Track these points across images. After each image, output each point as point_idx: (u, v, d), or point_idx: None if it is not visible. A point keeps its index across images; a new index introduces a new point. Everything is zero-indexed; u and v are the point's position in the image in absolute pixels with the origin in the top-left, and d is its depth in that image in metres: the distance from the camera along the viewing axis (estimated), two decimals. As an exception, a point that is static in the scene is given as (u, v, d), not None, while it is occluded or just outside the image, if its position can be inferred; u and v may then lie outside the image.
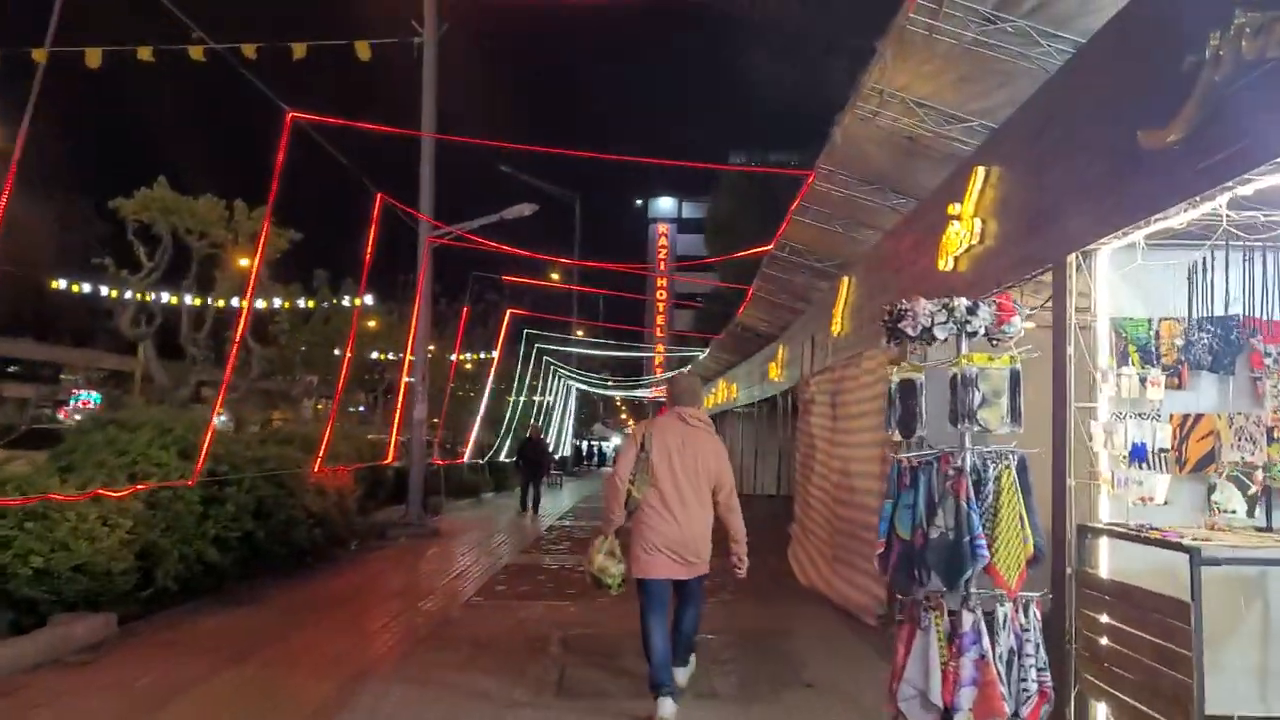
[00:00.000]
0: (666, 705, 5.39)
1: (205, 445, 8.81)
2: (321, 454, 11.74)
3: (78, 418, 24.79)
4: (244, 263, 14.61)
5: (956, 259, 6.79)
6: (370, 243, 12.46)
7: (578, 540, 15.66)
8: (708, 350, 28.81)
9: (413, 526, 15.88)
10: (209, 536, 9.11)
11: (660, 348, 60.05)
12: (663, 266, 75.13)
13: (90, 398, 38.25)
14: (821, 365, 12.78)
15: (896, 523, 4.47)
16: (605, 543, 5.77)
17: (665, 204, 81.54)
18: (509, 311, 24.34)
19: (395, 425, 15.53)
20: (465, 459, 22.94)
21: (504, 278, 21.96)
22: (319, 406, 26.98)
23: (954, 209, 6.78)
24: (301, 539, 11.01)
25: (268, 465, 10.57)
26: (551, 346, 33.57)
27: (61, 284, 20.62)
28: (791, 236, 12.75)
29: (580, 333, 45.46)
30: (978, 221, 6.40)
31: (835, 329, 11.65)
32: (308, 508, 11.23)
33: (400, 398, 16.31)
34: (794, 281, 14.61)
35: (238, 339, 10.57)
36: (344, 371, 13.44)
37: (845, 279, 11.12)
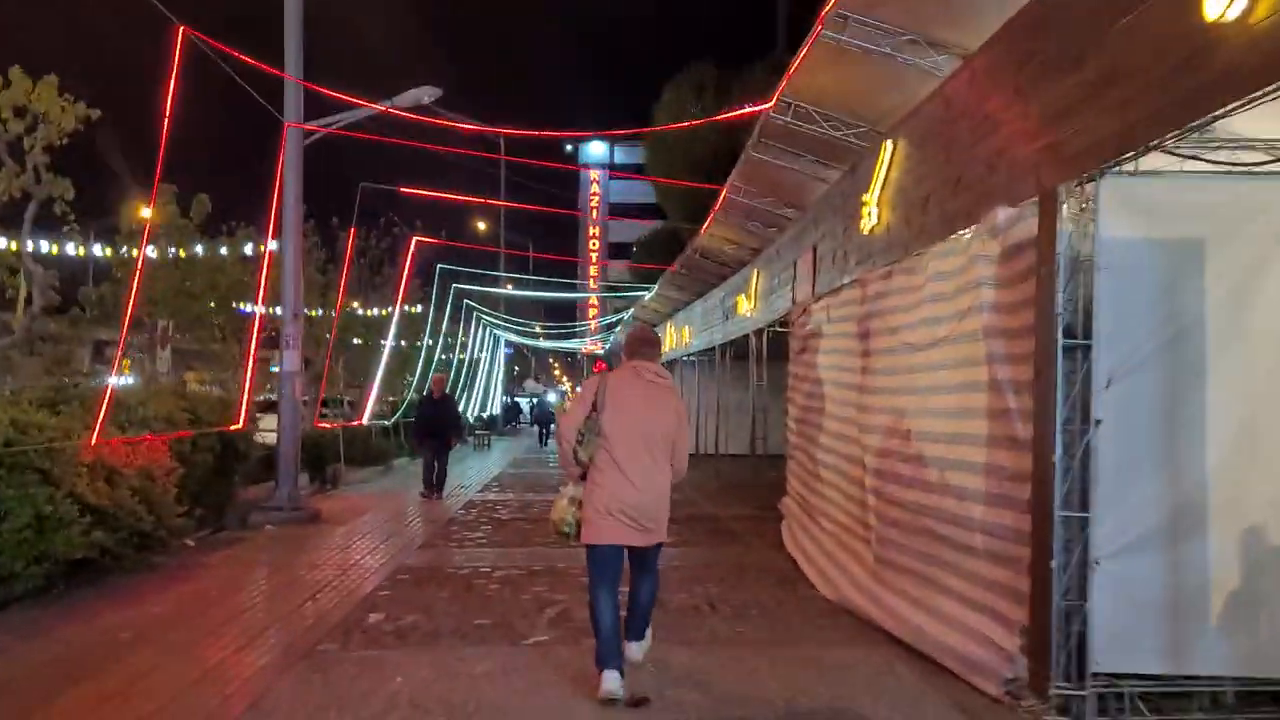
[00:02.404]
0: (612, 679, 4.92)
1: None
2: (100, 420, 7.80)
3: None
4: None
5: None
6: (169, 100, 8.20)
7: (502, 522, 12.04)
8: (654, 289, 25.06)
9: (284, 510, 12.03)
10: None
11: (593, 287, 56.05)
12: (595, 216, 70.91)
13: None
14: (833, 284, 9.27)
15: None
16: (571, 489, 5.27)
17: (597, 149, 77.12)
18: (414, 239, 20.15)
19: (248, 379, 11.49)
20: (364, 420, 19.00)
21: (400, 189, 17.58)
22: (205, 376, 22.39)
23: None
24: (71, 546, 7.19)
25: (-5, 439, 6.69)
26: (472, 287, 29.32)
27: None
28: (803, 84, 8.43)
29: (510, 285, 41.37)
30: None
31: (864, 225, 8.12)
32: (82, 499, 7.41)
33: (253, 341, 12.26)
34: (786, 173, 10.84)
35: None
36: (131, 305, 9.28)
37: (887, 145, 7.54)
